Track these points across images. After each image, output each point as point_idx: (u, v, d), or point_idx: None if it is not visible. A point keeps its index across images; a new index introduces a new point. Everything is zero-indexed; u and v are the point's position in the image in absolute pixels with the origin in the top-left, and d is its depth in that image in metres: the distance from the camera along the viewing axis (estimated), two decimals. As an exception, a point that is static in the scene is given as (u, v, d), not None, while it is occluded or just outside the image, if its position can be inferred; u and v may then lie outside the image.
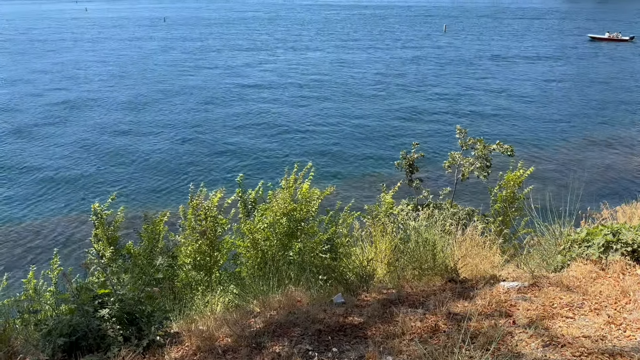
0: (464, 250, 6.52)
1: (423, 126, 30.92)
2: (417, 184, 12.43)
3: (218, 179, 22.61)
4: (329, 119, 32.64)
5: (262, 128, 30.70)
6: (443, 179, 18.82)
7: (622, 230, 5.07)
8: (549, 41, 70.48)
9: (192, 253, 7.79)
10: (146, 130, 30.50)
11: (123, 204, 19.22)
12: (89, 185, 22.51)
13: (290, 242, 7.77)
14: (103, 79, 46.30)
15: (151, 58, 58.54)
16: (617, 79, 45.09)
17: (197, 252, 7.77)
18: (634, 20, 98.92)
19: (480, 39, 73.41)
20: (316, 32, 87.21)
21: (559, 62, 53.78)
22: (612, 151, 26.19)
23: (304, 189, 8.04)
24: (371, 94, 39.78)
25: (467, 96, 38.73)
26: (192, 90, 41.36)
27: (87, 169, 24.40)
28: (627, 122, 31.59)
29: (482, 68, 50.62)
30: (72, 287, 4.32)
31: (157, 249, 7.55)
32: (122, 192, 20.91)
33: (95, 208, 8.12)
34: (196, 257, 7.78)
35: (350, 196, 18.95)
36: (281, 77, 47.01)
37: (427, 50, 64.06)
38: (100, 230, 8.10)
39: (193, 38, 78.56)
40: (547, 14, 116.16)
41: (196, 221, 7.83)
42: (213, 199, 7.94)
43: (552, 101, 37.10)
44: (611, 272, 4.81)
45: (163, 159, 25.67)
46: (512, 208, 9.84)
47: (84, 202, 20.30)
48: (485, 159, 11.18)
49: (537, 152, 26.13)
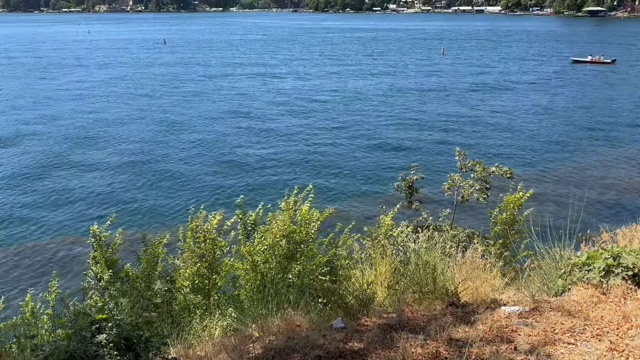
0: (464, 273, 6.49)
1: (422, 148, 31.03)
2: (416, 206, 12.44)
3: (219, 201, 22.60)
4: (329, 140, 32.78)
5: (261, 150, 30.80)
6: (443, 200, 18.79)
7: (623, 254, 5.05)
8: (536, 64, 71.77)
9: (191, 276, 7.74)
10: (147, 151, 30.59)
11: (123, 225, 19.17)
12: (88, 207, 22.47)
13: (290, 264, 7.72)
14: (104, 99, 46.63)
15: (151, 78, 59.05)
16: (604, 100, 45.63)
17: (196, 275, 7.72)
18: (629, 43, 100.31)
19: (477, 62, 74.51)
20: (316, 55, 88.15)
21: (545, 85, 54.55)
22: (609, 173, 26.24)
23: (303, 211, 8.02)
24: (371, 115, 40.01)
25: (464, 118, 38.96)
26: (192, 111, 41.63)
27: (87, 189, 24.39)
28: (620, 143, 31.76)
29: (478, 91, 51.13)
30: (70, 311, 4.29)
31: (155, 272, 7.49)
32: (122, 213, 20.87)
33: (94, 230, 8.08)
34: (195, 280, 7.72)
35: (350, 218, 18.93)
36: (282, 99, 47.37)
37: (426, 72, 64.77)
38: (99, 253, 8.05)
39: (192, 60, 79.39)
40: (542, 37, 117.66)
41: (195, 244, 7.79)
42: (212, 221, 7.92)
43: (545, 124, 37.34)
44: (612, 297, 4.77)
45: (164, 180, 25.69)
46: (512, 230, 9.82)
47: (83, 224, 20.24)
48: (485, 181, 11.21)
49: (535, 173, 26.18)
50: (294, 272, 7.52)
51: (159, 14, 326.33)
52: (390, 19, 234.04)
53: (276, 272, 7.51)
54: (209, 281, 7.83)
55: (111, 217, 8.76)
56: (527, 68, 67.49)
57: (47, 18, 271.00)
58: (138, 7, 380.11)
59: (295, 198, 8.20)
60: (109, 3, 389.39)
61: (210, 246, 7.78)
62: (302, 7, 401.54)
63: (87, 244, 8.42)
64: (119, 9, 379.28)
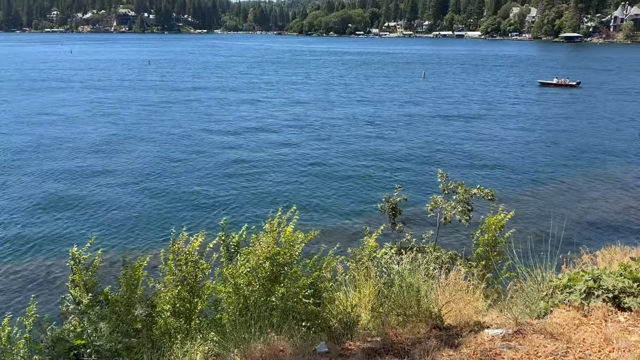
0: (447, 295, 6.50)
1: (406, 169, 31.27)
2: (400, 227, 12.47)
3: (203, 222, 22.40)
4: (313, 162, 32.87)
5: (244, 171, 30.72)
6: (426, 222, 18.88)
7: (603, 276, 5.12)
8: (508, 86, 74.30)
9: (172, 299, 7.61)
10: (127, 172, 30.30)
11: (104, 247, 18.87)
12: (68, 228, 22.09)
13: (273, 287, 7.65)
14: (85, 121, 46.28)
15: (134, 101, 58.85)
16: (573, 121, 47.11)
17: (177, 299, 7.60)
18: (599, 67, 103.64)
19: (455, 85, 76.49)
20: (301, 77, 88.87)
21: (516, 107, 56.29)
22: (586, 194, 26.69)
23: (287, 233, 7.99)
24: (353, 137, 40.31)
25: (445, 140, 39.47)
26: (175, 133, 41.49)
27: (67, 210, 24.00)
28: (595, 164, 32.45)
29: (456, 113, 52.14)
30: (48, 336, 4.18)
31: (135, 296, 7.36)
32: (103, 235, 20.55)
33: (74, 252, 7.93)
34: (175, 304, 7.59)
35: (334, 239, 18.89)
36: (264, 121, 47.53)
37: (408, 95, 65.72)
38: (78, 276, 7.89)
39: (176, 81, 79.43)
40: (518, 61, 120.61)
41: (176, 266, 7.69)
42: (194, 243, 7.83)
43: (520, 146, 38.01)
44: (594, 319, 4.82)
45: (145, 202, 25.42)
46: (494, 252, 9.89)
47: (63, 245, 19.87)
48: (467, 203, 11.30)
49: (515, 194, 26.51)
50: (278, 294, 7.45)
51: (144, 35, 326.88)
52: (374, 43, 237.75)
53: (259, 295, 7.43)
54: (190, 305, 7.71)
55: (91, 239, 8.62)
56: (500, 90, 69.87)
57: (29, 38, 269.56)
58: (122, 28, 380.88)
59: (279, 219, 8.17)
60: (92, 24, 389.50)
61: (192, 269, 7.68)
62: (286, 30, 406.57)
63: (67, 266, 8.25)
64: (103, 29, 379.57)
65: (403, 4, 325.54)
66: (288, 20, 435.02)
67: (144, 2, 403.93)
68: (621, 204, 24.97)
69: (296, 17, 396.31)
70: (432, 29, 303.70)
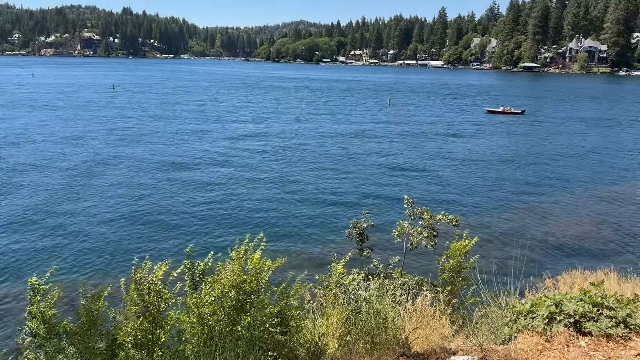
0: (414, 322, 6.52)
1: (373, 195, 31.53)
2: (367, 253, 12.51)
3: (167, 249, 21.93)
4: (279, 188, 32.79)
5: (210, 197, 30.37)
6: (393, 247, 19.01)
7: (564, 301, 5.24)
8: (458, 113, 77.48)
9: (133, 330, 7.36)
10: (88, 198, 29.52)
11: (64, 277, 18.21)
12: (27, 258, 21.23)
13: (239, 316, 7.51)
14: (46, 145, 45.09)
15: (97, 125, 57.83)
16: (522, 147, 49.03)
17: (139, 330, 7.36)
18: (549, 95, 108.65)
19: (419, 112, 78.68)
20: (268, 103, 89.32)
21: (473, 134, 58.54)
22: (547, 219, 27.42)
23: (254, 260, 7.89)
24: (320, 163, 40.53)
25: (411, 165, 40.13)
26: (140, 158, 40.83)
27: (24, 239, 23.11)
28: (552, 190, 33.49)
29: (418, 139, 53.46)
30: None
31: (95, 328, 7.10)
32: (64, 265, 19.84)
33: (32, 282, 7.61)
34: (137, 335, 7.35)
35: (302, 266, 18.78)
36: (230, 146, 47.36)
37: (373, 122, 66.85)
38: (35, 307, 7.57)
39: (141, 105, 78.60)
40: (476, 90, 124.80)
41: (139, 296, 7.47)
42: (158, 272, 7.64)
43: (478, 171, 39.00)
44: (556, 344, 4.90)
45: (109, 229, 24.74)
46: (459, 277, 10.01)
47: (22, 275, 19.07)
48: (432, 229, 11.46)
49: (478, 220, 27.02)
50: (244, 324, 7.31)
51: (108, 59, 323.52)
52: (341, 71, 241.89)
53: (224, 324, 7.27)
54: (152, 336, 7.48)
55: (51, 270, 8.32)
56: (455, 117, 72.95)
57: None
58: (86, 52, 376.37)
59: (246, 247, 8.07)
60: (55, 47, 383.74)
61: (155, 299, 7.48)
62: (253, 56, 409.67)
63: (25, 296, 7.91)
64: (67, 53, 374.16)
65: (368, 34, 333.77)
66: (256, 46, 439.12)
67: (109, 27, 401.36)
68: (580, 229, 25.76)
69: (264, 44, 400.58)
70: (396, 57, 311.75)
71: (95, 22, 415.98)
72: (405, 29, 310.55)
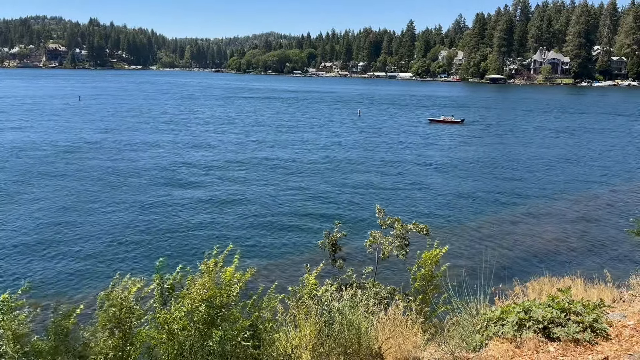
0: (387, 331, 6.51)
1: (345, 204, 31.61)
2: (340, 264, 12.49)
3: (138, 264, 21.47)
4: (250, 199, 32.57)
5: (180, 209, 29.95)
6: (365, 257, 19.06)
7: (533, 308, 5.32)
8: (413, 123, 79.36)
9: (104, 348, 7.15)
10: (60, 211, 28.72)
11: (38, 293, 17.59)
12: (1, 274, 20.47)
13: (210, 330, 7.38)
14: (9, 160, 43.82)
15: (65, 138, 56.53)
16: (478, 155, 49.83)
17: (109, 347, 7.15)
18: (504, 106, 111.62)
19: (386, 123, 79.87)
20: (242, 114, 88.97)
21: (442, 142, 59.93)
22: (515, 227, 27.97)
23: (227, 273, 7.77)
24: (291, 174, 40.48)
25: (383, 175, 40.47)
26: (111, 172, 40.03)
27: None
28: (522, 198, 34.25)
29: (385, 150, 54.07)
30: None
31: (62, 346, 6.86)
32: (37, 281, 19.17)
33: (4, 298, 7.30)
34: (107, 353, 7.14)
35: (274, 277, 18.62)
36: (200, 158, 46.91)
37: (345, 132, 67.31)
38: (6, 324, 7.26)
39: (108, 118, 77.27)
40: (450, 101, 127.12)
41: (112, 313, 7.26)
42: (131, 288, 7.45)
43: (443, 179, 39.63)
44: (526, 350, 4.97)
45: (82, 245, 24.09)
46: (430, 286, 10.07)
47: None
48: (404, 238, 11.52)
49: (449, 229, 27.36)
50: (215, 338, 7.18)
51: (75, 71, 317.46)
52: (311, 82, 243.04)
53: (195, 339, 7.13)
54: (122, 353, 7.27)
55: (24, 287, 8.01)
56: (417, 127, 74.99)
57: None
58: (52, 64, 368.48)
59: (215, 259, 7.95)
60: (19, 58, 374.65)
61: (126, 315, 7.29)
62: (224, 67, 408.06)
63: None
64: (31, 65, 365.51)
65: (338, 46, 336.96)
66: (226, 58, 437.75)
67: (76, 38, 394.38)
68: (547, 236, 26.33)
69: (234, 55, 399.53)
70: (366, 69, 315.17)
71: (61, 33, 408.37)
72: (374, 41, 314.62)
